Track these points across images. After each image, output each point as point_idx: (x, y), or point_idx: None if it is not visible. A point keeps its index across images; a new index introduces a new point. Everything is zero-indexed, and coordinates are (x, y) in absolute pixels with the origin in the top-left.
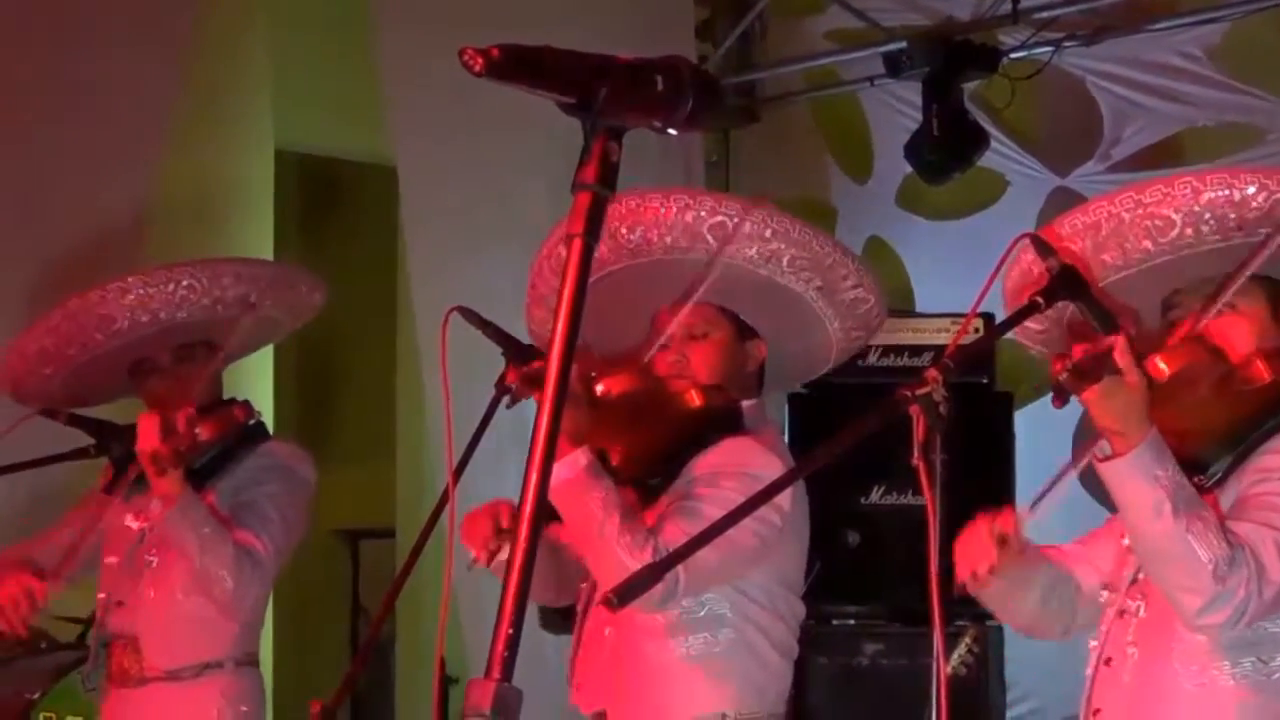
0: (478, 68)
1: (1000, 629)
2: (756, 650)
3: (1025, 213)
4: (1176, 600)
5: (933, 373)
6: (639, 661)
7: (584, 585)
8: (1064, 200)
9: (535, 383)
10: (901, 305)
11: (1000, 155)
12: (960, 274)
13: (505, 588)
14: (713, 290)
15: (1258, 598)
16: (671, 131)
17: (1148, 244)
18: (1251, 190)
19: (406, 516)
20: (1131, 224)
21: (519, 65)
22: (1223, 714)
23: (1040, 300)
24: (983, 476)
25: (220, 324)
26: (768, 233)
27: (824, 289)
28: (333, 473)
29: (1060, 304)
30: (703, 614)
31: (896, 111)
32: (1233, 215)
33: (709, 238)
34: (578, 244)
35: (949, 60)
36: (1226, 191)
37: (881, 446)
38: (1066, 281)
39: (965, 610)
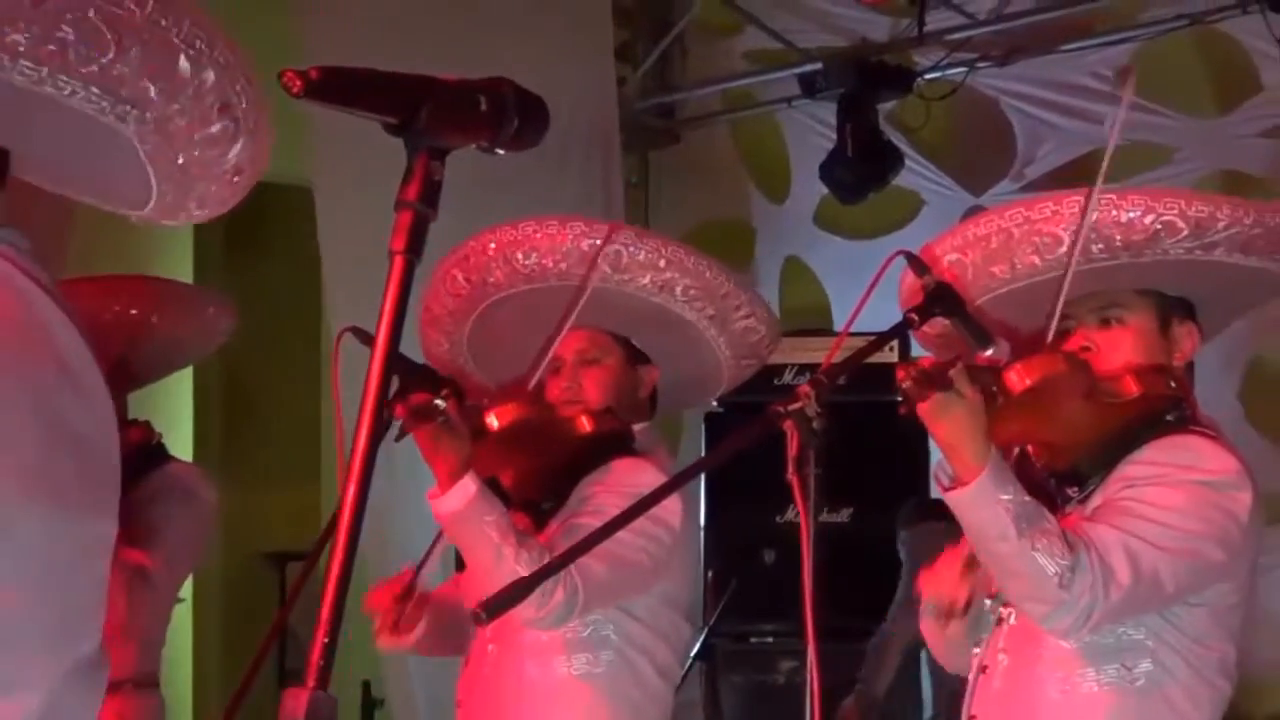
0: (296, 89)
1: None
2: (638, 672)
3: (941, 231)
4: (1025, 609)
5: (805, 389)
6: (520, 680)
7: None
8: None
9: (423, 416)
10: (819, 324)
11: (916, 174)
12: (877, 293)
13: (322, 599)
14: (606, 316)
15: (1104, 601)
16: (499, 151)
17: (1035, 259)
18: (1137, 213)
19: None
20: (1020, 239)
21: (339, 87)
22: (1089, 718)
23: (915, 317)
24: (900, 493)
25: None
26: (661, 262)
27: (716, 318)
28: (260, 496)
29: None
30: (586, 634)
31: (814, 132)
32: (1119, 236)
33: (604, 265)
34: (399, 261)
35: (863, 81)
36: (1114, 213)
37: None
38: (941, 298)
39: (877, 626)
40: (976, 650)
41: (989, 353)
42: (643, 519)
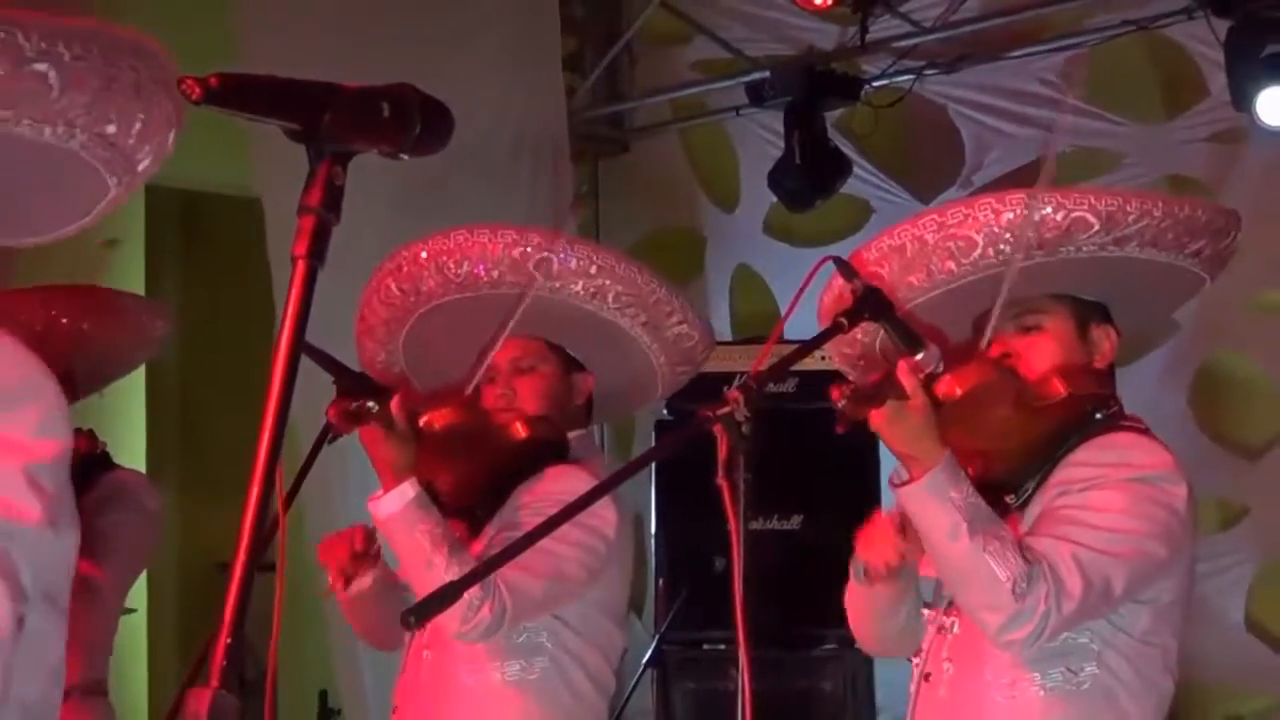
0: (195, 96)
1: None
2: (570, 680)
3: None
4: (979, 619)
5: (734, 394)
6: (454, 686)
7: None
8: None
9: (354, 418)
10: (770, 331)
11: (864, 182)
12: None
13: (225, 600)
14: (540, 324)
15: (1057, 612)
16: (403, 156)
17: (951, 265)
18: (1048, 210)
19: (292, 551)
20: (935, 246)
21: (239, 94)
22: None
23: (844, 321)
24: (850, 500)
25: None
26: (593, 269)
27: (649, 324)
28: (214, 507)
29: (871, 328)
30: (520, 641)
31: (763, 140)
32: (1031, 234)
33: (535, 273)
34: (301, 266)
35: (810, 89)
36: (1025, 211)
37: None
38: (870, 302)
39: (832, 634)
40: (916, 660)
41: (919, 356)
42: (577, 529)
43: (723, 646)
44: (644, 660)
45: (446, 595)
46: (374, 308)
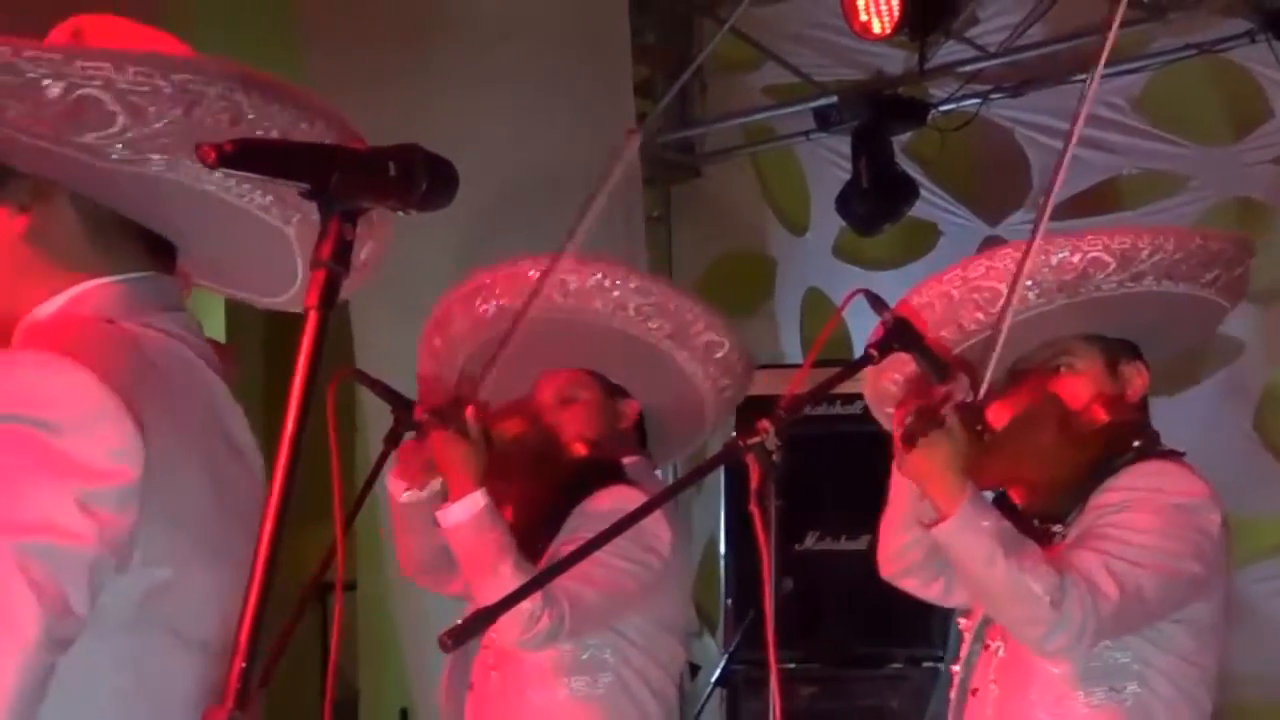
0: (210, 160)
1: (937, 670)
2: (634, 694)
3: (958, 261)
4: (1021, 634)
5: (764, 423)
6: (522, 704)
7: None
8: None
9: (441, 418)
10: (840, 355)
11: (932, 205)
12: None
13: (240, 627)
14: (577, 354)
15: (1095, 617)
16: (411, 212)
17: (979, 315)
18: (1065, 254)
19: (367, 570)
20: (961, 300)
21: (253, 157)
22: None
23: (874, 352)
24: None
25: None
26: (606, 283)
27: (675, 336)
28: (301, 529)
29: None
30: (585, 657)
31: (833, 164)
32: (1052, 279)
33: (555, 295)
34: (313, 316)
35: (877, 114)
36: (1043, 256)
37: (815, 494)
38: (900, 333)
39: (900, 653)
40: (956, 669)
41: (948, 386)
42: (633, 545)
43: (791, 666)
44: (712, 679)
45: (485, 617)
46: (424, 361)
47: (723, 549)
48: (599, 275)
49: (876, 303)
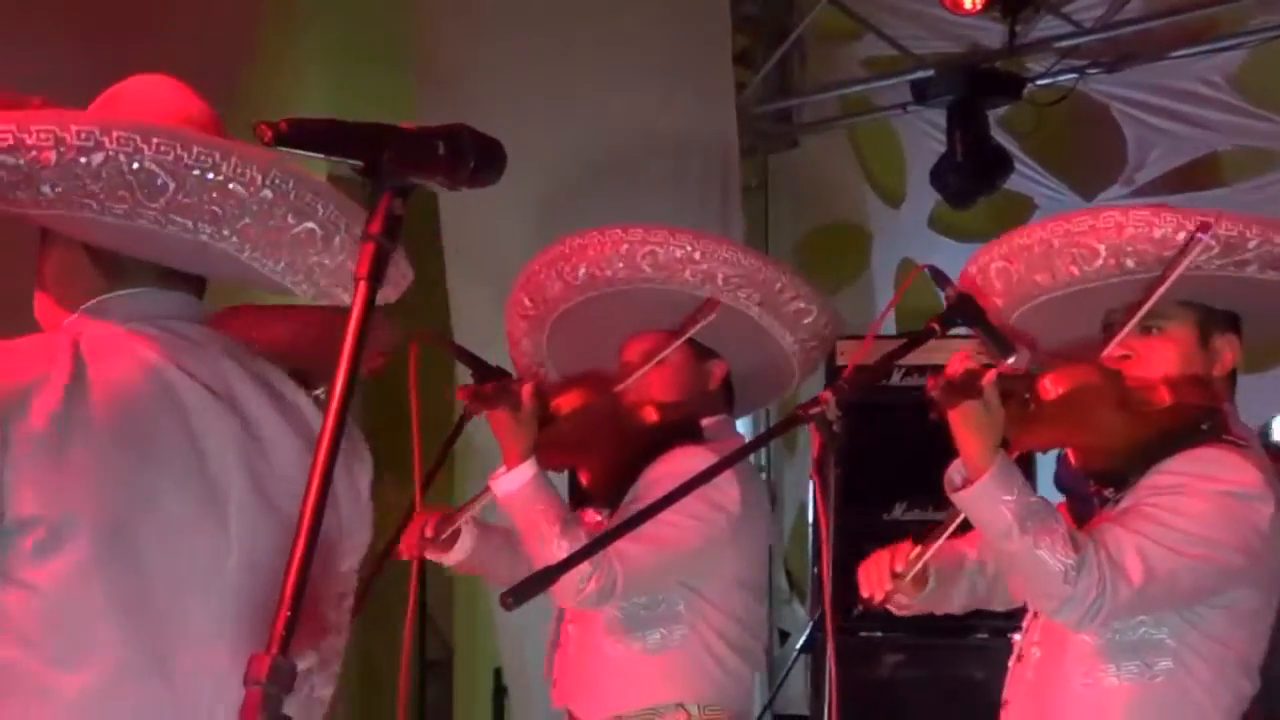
0: (268, 139)
1: None
2: (712, 649)
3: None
4: (1035, 604)
5: (826, 394)
6: (598, 656)
7: None
8: None
9: (483, 400)
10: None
11: (1027, 179)
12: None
13: (285, 577)
14: (667, 315)
15: (1112, 597)
16: (462, 189)
17: (1074, 270)
18: (1169, 230)
19: None
20: (1060, 250)
21: (308, 136)
22: (1107, 710)
23: (936, 327)
24: None
25: None
26: (697, 255)
27: (765, 303)
28: (398, 493)
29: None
30: (658, 610)
31: (929, 137)
32: (1152, 251)
33: (645, 266)
34: (362, 287)
35: (972, 88)
36: (1146, 229)
37: (904, 464)
38: (963, 308)
39: (983, 624)
40: (1017, 636)
41: (1010, 360)
42: (698, 503)
43: (877, 635)
44: (799, 645)
45: (544, 578)
46: (515, 321)
47: (811, 516)
48: (688, 247)
49: (940, 278)
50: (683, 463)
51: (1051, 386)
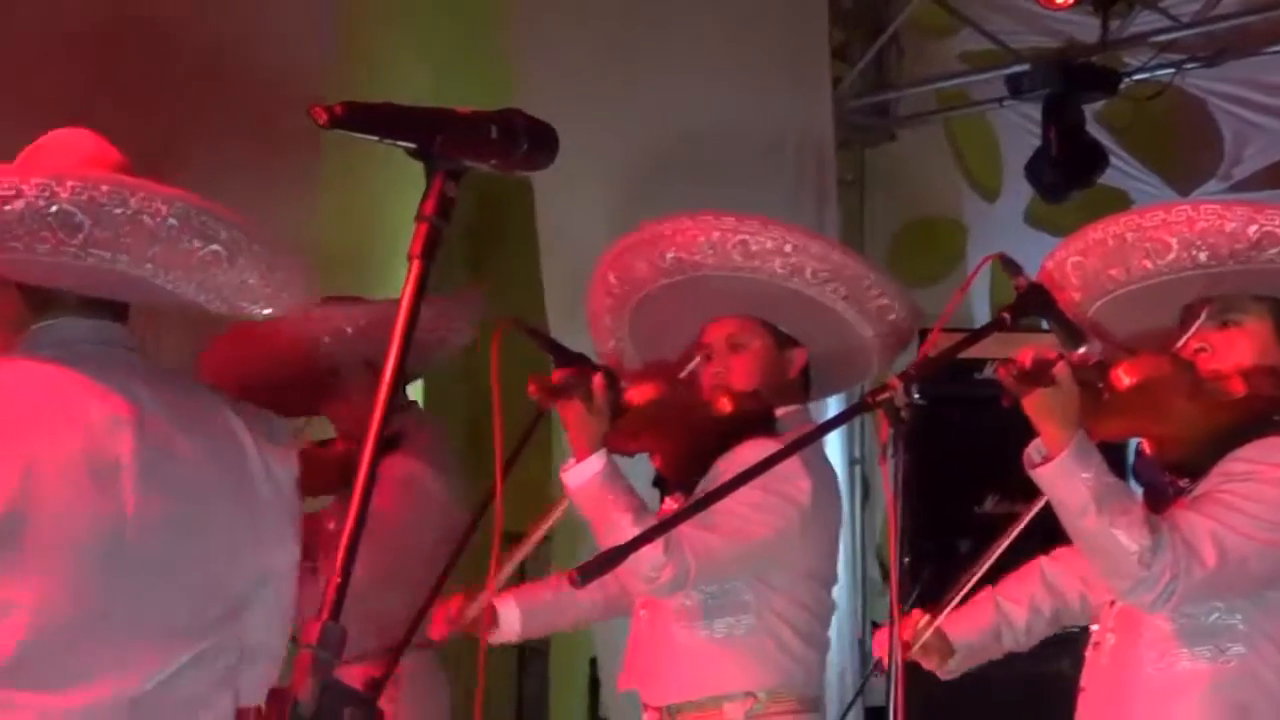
0: (323, 121)
1: None
2: (780, 637)
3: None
4: (1110, 585)
5: (894, 381)
6: (668, 642)
7: None
8: None
9: (556, 392)
10: (1028, 321)
11: (1123, 174)
12: None
13: (338, 546)
14: (751, 303)
15: (1185, 579)
16: (518, 173)
17: (1147, 263)
18: (1239, 224)
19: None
20: (1133, 244)
21: (363, 119)
22: (1181, 694)
23: (1006, 316)
24: None
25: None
26: (788, 248)
27: (850, 298)
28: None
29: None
30: (726, 599)
31: (1026, 131)
32: (1224, 246)
33: (735, 255)
34: (416, 266)
35: (1068, 82)
36: (1217, 222)
37: (996, 458)
38: (1033, 298)
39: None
40: (1095, 626)
41: (1081, 350)
42: (769, 494)
43: None
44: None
45: (613, 556)
46: (598, 297)
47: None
48: (780, 239)
49: (1011, 267)
50: (754, 454)
51: (1124, 376)
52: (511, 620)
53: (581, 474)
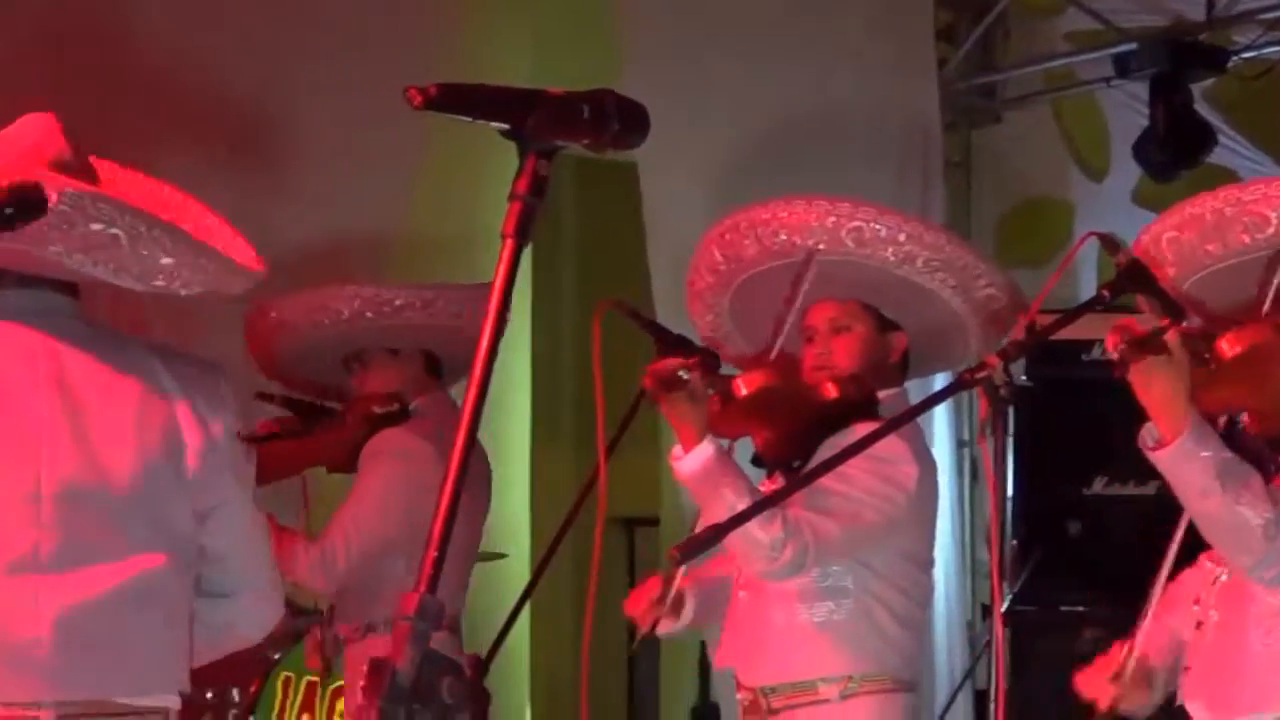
0: (417, 103)
1: None
2: (876, 620)
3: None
4: (1233, 561)
5: (993, 359)
6: (767, 625)
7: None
8: None
9: (668, 385)
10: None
11: (1232, 152)
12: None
13: (434, 520)
14: (855, 287)
15: None
16: (611, 152)
17: (1245, 238)
18: None
19: (669, 505)
20: (1232, 218)
21: (456, 100)
22: None
23: (1106, 293)
24: None
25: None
26: (901, 236)
27: (958, 287)
28: (610, 465)
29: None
30: (827, 584)
31: (1133, 111)
32: None
33: (848, 241)
34: (509, 244)
35: (1175, 61)
36: None
37: (1104, 439)
38: (1133, 275)
39: None
40: (1196, 606)
41: (1184, 325)
42: (877, 480)
43: (1081, 609)
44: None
45: (714, 534)
46: (701, 273)
47: (1011, 489)
48: (894, 227)
49: (1110, 244)
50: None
51: (1229, 346)
52: (691, 609)
53: (693, 461)
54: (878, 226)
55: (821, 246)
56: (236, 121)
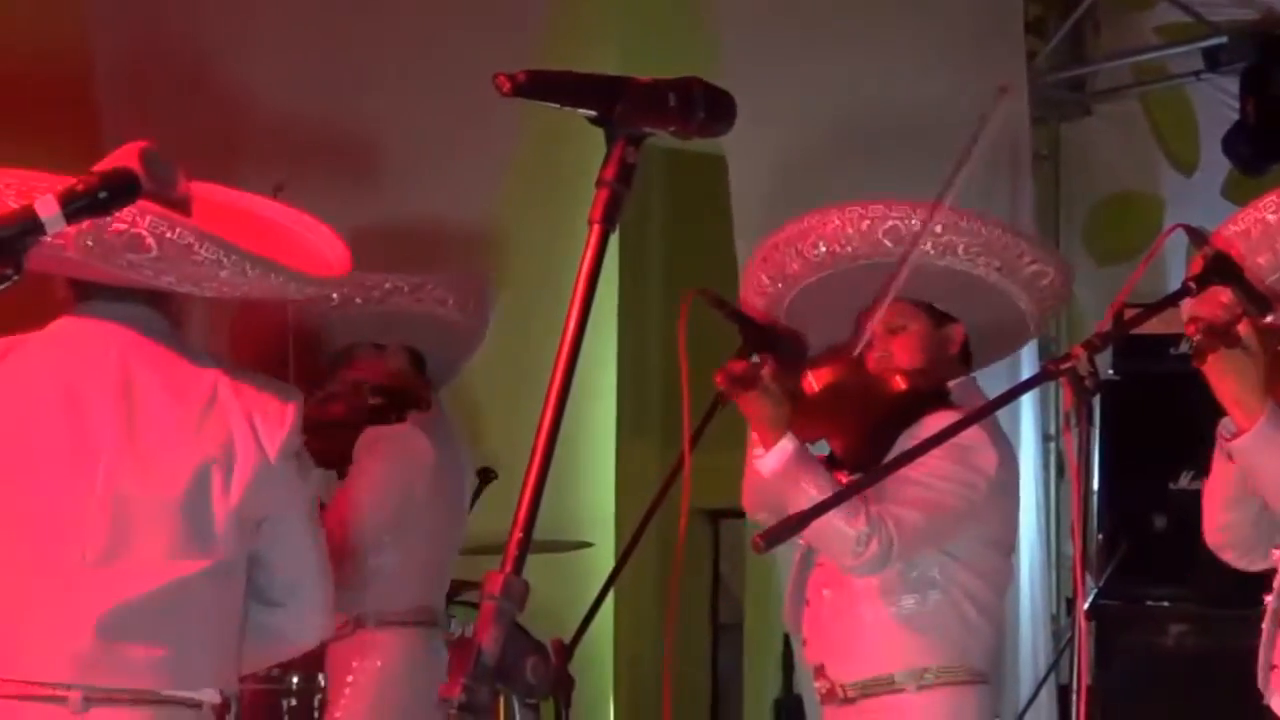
0: (506, 89)
1: None
2: (960, 610)
3: None
4: None
5: (1078, 349)
6: (854, 620)
7: (801, 545)
8: None
9: (740, 384)
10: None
11: None
12: None
13: (519, 501)
14: (904, 287)
15: None
16: (696, 138)
17: None
18: None
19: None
20: (1277, 225)
21: (544, 87)
22: None
23: (1192, 285)
24: None
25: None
26: (938, 228)
27: (1004, 269)
28: (696, 458)
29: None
30: (914, 576)
31: (1224, 105)
32: None
33: (886, 241)
34: (596, 230)
35: (1265, 54)
36: None
37: (1191, 433)
38: (1219, 267)
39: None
40: (1269, 598)
41: (1269, 318)
42: (958, 468)
43: (1166, 604)
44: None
45: (798, 522)
46: (750, 298)
47: (1096, 483)
48: (926, 220)
49: (1196, 236)
50: (938, 428)
51: None
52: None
53: (774, 459)
54: (913, 222)
55: (864, 251)
56: (330, 123)
